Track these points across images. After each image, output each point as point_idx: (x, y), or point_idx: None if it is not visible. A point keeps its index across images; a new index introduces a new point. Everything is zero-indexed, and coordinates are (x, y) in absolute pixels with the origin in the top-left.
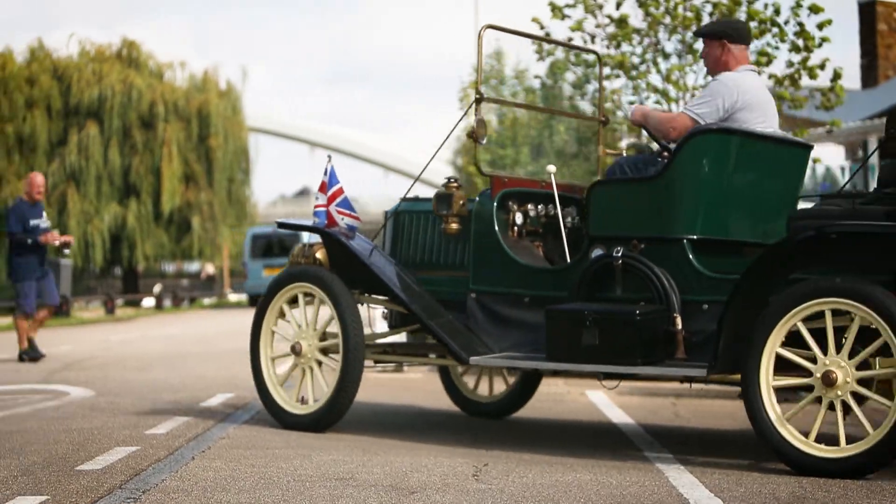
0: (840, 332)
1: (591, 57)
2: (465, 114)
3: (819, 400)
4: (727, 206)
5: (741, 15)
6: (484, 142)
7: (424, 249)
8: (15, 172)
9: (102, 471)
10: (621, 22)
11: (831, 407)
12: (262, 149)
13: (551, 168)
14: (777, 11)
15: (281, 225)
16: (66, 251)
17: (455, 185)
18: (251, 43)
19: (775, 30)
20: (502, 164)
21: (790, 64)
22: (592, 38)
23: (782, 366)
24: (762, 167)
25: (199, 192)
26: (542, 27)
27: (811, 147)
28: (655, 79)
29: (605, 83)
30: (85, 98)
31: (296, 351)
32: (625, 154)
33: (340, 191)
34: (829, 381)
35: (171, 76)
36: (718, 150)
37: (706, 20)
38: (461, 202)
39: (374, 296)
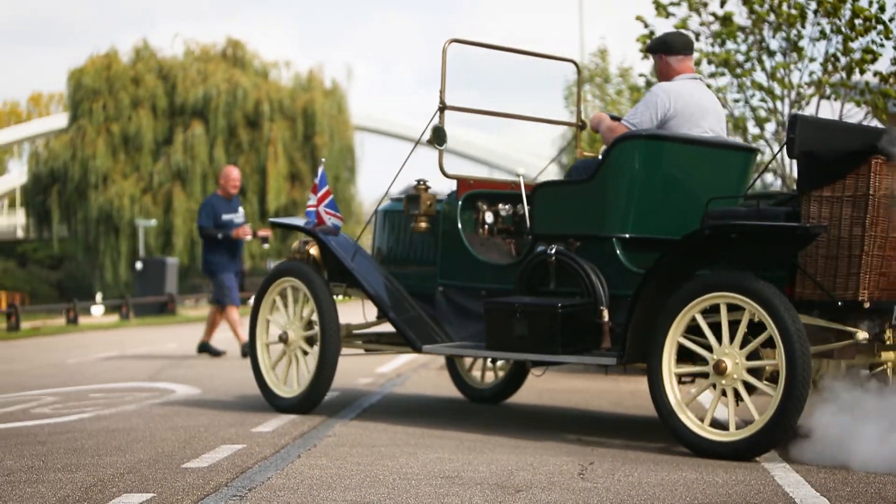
0: (738, 325)
1: (696, 55)
2: (431, 121)
3: (715, 387)
4: (655, 206)
5: (846, 12)
6: (443, 147)
7: (400, 246)
8: (121, 171)
9: (208, 468)
10: (726, 20)
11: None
12: (368, 147)
13: (521, 170)
14: (882, 8)
15: (273, 224)
16: (266, 245)
17: (424, 186)
18: (356, 41)
19: (880, 27)
20: None
21: (895, 61)
22: (697, 36)
23: (688, 355)
24: (692, 169)
25: (304, 191)
26: (646, 25)
27: (754, 150)
28: (760, 76)
29: (710, 81)
30: (190, 97)
31: (284, 340)
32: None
33: (328, 193)
34: (719, 369)
35: (276, 75)
36: (643, 155)
37: (810, 18)
38: (429, 203)
39: (354, 288)
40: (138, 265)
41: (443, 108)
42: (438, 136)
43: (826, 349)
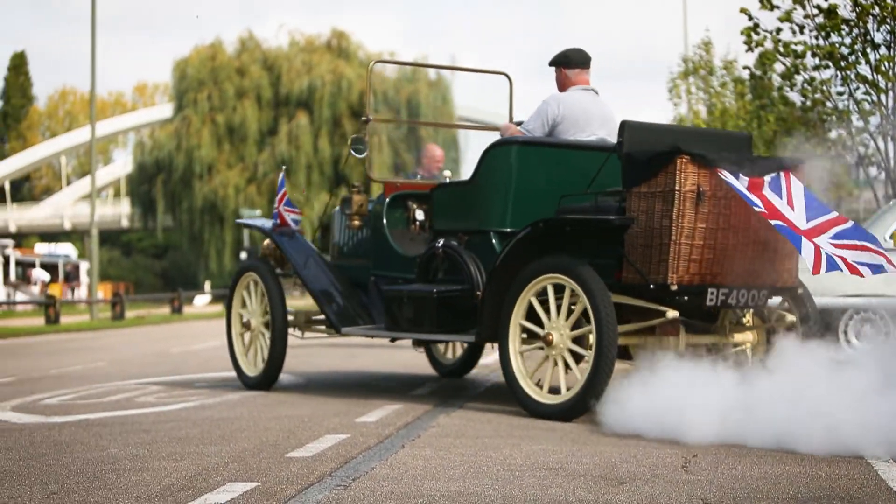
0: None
1: (800, 48)
2: (359, 132)
3: (548, 357)
4: (529, 203)
5: None
6: (363, 156)
7: (347, 242)
8: (225, 161)
9: (313, 458)
10: (830, 12)
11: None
12: (471, 138)
13: (447, 173)
14: None
15: (238, 224)
16: None
17: (356, 189)
18: (460, 33)
19: None
20: None
21: None
22: (801, 28)
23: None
24: (560, 169)
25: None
26: (750, 17)
27: (613, 149)
28: (864, 69)
29: (815, 73)
30: (295, 88)
31: (247, 326)
32: None
33: (285, 194)
34: (548, 341)
35: (380, 66)
36: (514, 158)
37: None
38: (360, 204)
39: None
40: (243, 255)
41: (366, 121)
42: (356, 146)
43: (643, 325)
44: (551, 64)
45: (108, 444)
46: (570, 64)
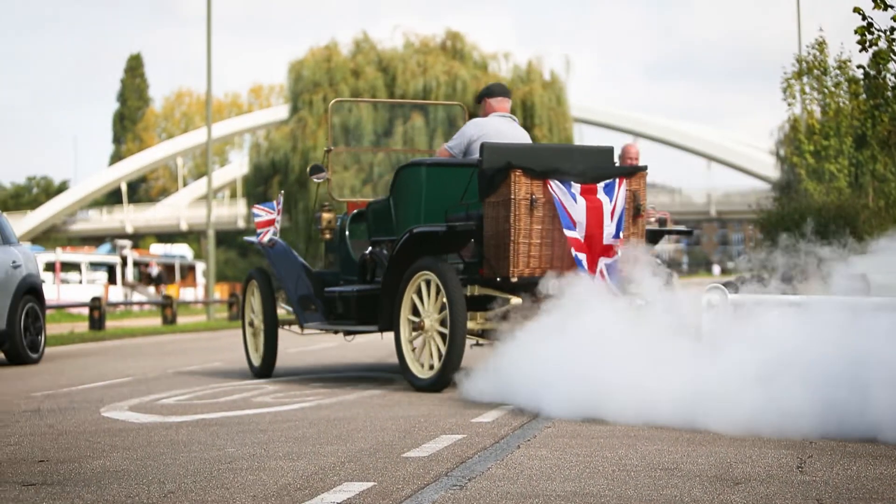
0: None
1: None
2: (322, 160)
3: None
4: (437, 213)
5: None
6: (320, 181)
7: (329, 253)
8: (341, 163)
9: (429, 458)
10: None
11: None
12: (586, 138)
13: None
14: None
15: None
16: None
17: (326, 207)
18: (575, 34)
19: None
20: (826, 154)
21: None
22: None
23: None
24: (458, 184)
25: None
26: (864, 17)
27: (475, 165)
28: None
29: None
30: (409, 89)
31: (252, 325)
32: None
33: (272, 221)
34: (421, 327)
35: (495, 67)
36: (423, 176)
37: None
38: (328, 220)
39: None
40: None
41: (328, 150)
42: (314, 171)
43: (498, 312)
44: (478, 100)
45: (225, 444)
46: (491, 94)
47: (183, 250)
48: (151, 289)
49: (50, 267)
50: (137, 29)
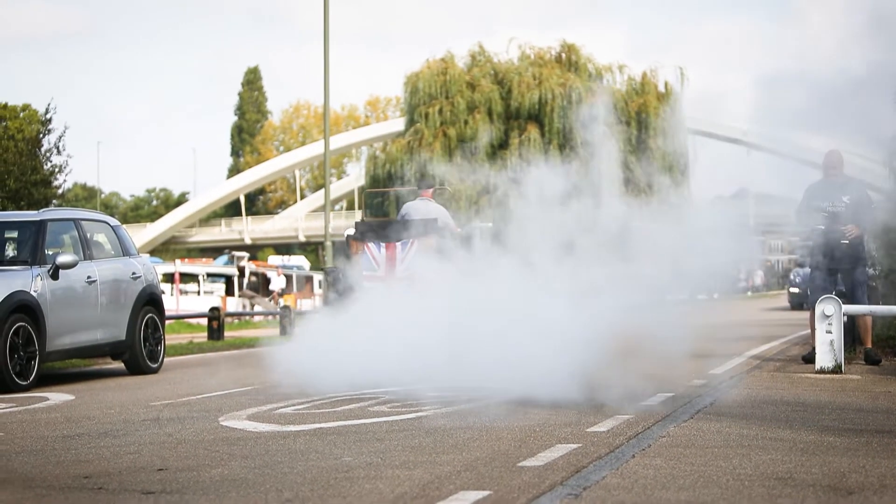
0: None
1: None
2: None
3: None
4: None
5: None
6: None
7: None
8: (456, 175)
9: (544, 467)
10: None
11: None
12: (700, 151)
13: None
14: None
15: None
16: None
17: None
18: (687, 47)
19: None
20: None
21: None
22: None
23: None
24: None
25: (638, 194)
26: None
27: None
28: None
29: None
30: (525, 101)
31: None
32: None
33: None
34: None
35: (609, 79)
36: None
37: None
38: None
39: None
40: None
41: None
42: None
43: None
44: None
45: (342, 453)
46: (420, 186)
47: (300, 261)
48: (268, 299)
49: (169, 278)
50: (255, 42)
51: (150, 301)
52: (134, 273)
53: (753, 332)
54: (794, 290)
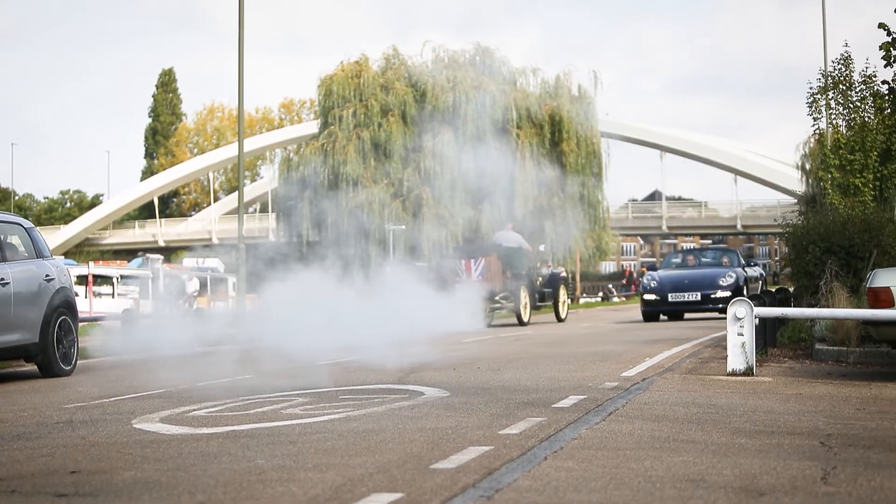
0: None
1: None
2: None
3: None
4: None
5: None
6: None
7: None
8: (371, 177)
9: (456, 469)
10: None
11: None
12: (613, 153)
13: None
14: None
15: None
16: None
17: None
18: (602, 50)
19: None
20: (851, 168)
21: None
22: None
23: None
24: None
25: (551, 198)
26: (889, 33)
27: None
28: None
29: None
30: (439, 104)
31: None
32: None
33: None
34: None
35: (523, 82)
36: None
37: None
38: None
39: None
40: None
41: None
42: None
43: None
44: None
45: (255, 455)
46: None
47: (215, 264)
48: (184, 302)
49: (83, 280)
50: (170, 44)
51: (63, 303)
52: (47, 275)
53: None
54: (651, 296)
